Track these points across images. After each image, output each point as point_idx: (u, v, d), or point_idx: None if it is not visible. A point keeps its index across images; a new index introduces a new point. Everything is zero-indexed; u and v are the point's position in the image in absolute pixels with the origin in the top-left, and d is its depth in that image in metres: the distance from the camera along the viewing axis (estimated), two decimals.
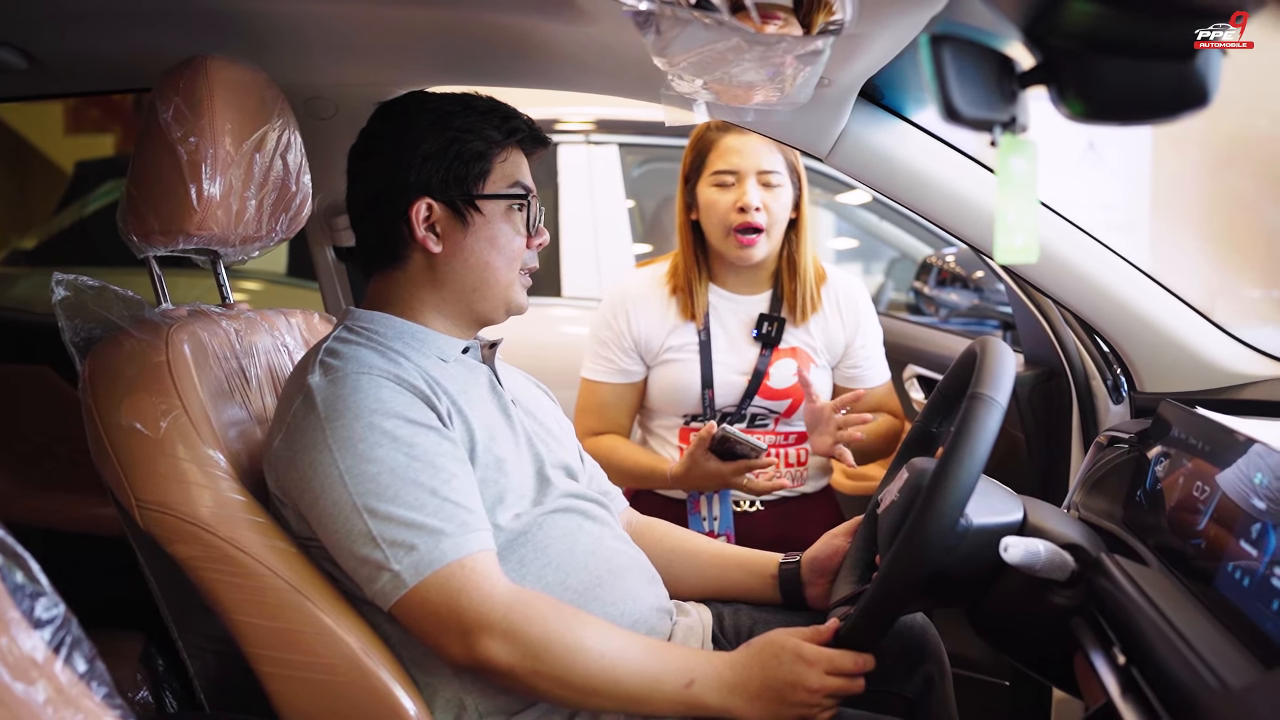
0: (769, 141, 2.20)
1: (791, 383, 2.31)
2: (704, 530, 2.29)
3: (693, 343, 2.32)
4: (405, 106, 1.59)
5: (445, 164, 1.54)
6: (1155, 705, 1.05)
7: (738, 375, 2.31)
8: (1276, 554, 1.05)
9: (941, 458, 1.34)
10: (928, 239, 4.02)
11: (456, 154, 1.54)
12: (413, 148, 1.54)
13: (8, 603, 0.89)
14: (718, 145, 2.26)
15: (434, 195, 1.54)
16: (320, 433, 1.39)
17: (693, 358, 2.31)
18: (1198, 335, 1.80)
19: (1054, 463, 2.10)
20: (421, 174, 1.53)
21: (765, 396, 2.32)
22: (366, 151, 1.59)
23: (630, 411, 2.40)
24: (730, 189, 2.24)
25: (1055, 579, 1.33)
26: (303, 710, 1.38)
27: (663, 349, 2.33)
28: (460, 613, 1.34)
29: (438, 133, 1.54)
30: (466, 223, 1.55)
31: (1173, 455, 1.42)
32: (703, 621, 1.69)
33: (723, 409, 2.32)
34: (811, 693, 1.39)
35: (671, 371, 2.32)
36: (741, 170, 2.23)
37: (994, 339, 1.49)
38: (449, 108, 1.57)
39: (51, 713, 0.87)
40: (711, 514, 2.29)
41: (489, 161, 1.57)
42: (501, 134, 1.58)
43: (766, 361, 2.31)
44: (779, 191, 2.24)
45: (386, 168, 1.55)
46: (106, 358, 1.46)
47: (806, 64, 1.36)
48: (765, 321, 2.32)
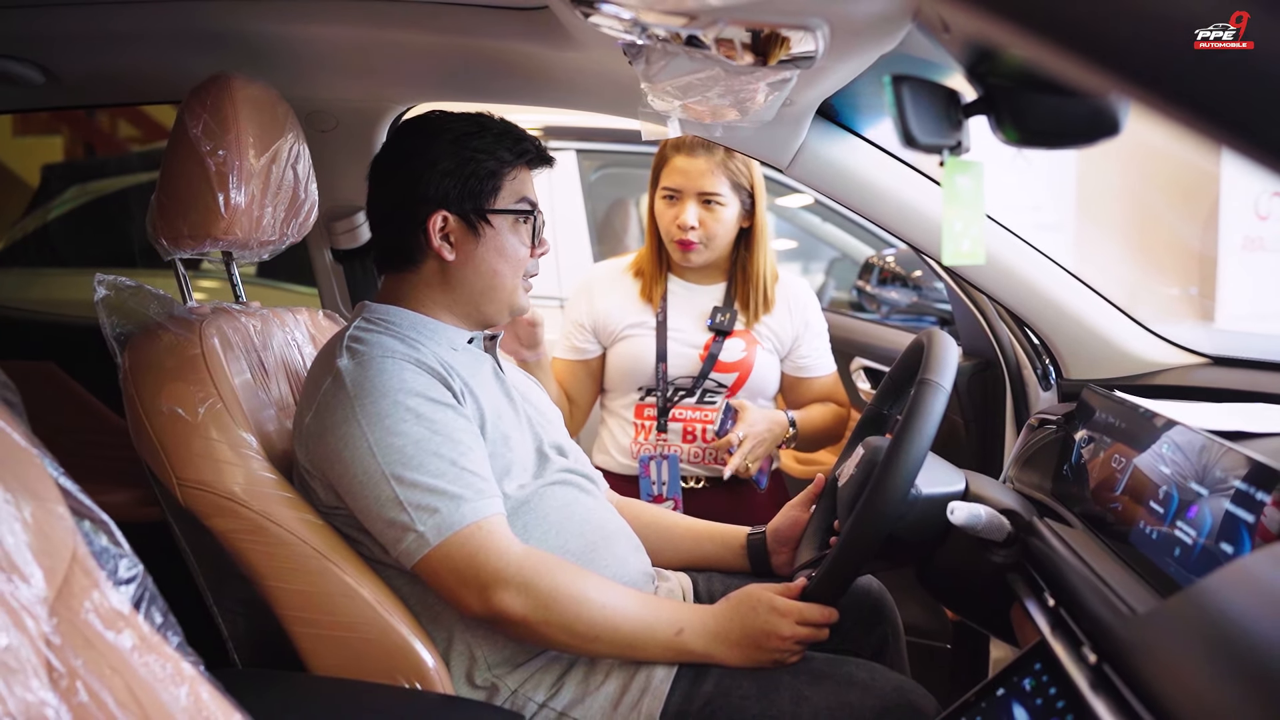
0: (715, 165, 2.39)
1: (740, 357, 2.50)
2: (653, 493, 2.48)
3: (650, 321, 2.52)
4: (426, 126, 1.73)
5: (462, 181, 1.68)
6: (1080, 635, 1.24)
7: (689, 349, 2.49)
8: (1179, 511, 1.25)
9: (895, 435, 1.52)
10: (868, 240, 4.18)
11: (472, 172, 1.69)
12: (433, 165, 1.68)
13: (95, 563, 1.04)
14: (670, 163, 2.45)
15: (450, 208, 1.69)
16: (350, 409, 1.55)
17: (649, 334, 2.51)
18: (1117, 328, 1.98)
19: (990, 443, 2.28)
20: (440, 189, 1.68)
21: (715, 370, 2.50)
22: (391, 165, 1.73)
23: (583, 388, 2.59)
24: (674, 204, 2.45)
25: (993, 539, 1.52)
26: (331, 664, 1.53)
27: (621, 328, 2.52)
28: (479, 568, 1.51)
29: (455, 152, 1.69)
30: (478, 234, 1.70)
31: (1095, 434, 1.58)
32: (682, 586, 1.87)
33: (675, 380, 2.50)
34: (783, 640, 1.58)
35: (628, 346, 2.52)
36: (684, 190, 2.43)
37: (939, 331, 1.66)
38: (466, 129, 1.71)
39: (137, 658, 1.01)
40: (660, 479, 2.48)
41: (500, 179, 1.71)
42: (513, 154, 1.73)
43: (720, 347, 2.49)
44: (720, 211, 2.43)
45: (408, 181, 1.69)
46: (146, 350, 1.60)
47: (776, 90, 1.54)
48: (719, 312, 2.51)
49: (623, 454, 2.54)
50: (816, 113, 1.91)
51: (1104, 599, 1.22)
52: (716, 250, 2.49)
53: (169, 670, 1.03)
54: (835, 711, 1.54)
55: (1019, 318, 2.06)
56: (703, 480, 2.51)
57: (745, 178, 2.45)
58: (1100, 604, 1.23)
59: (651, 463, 2.48)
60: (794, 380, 2.60)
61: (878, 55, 1.50)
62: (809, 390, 2.60)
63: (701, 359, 2.49)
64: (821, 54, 1.35)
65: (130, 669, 0.98)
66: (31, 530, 0.93)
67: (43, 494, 0.98)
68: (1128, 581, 1.25)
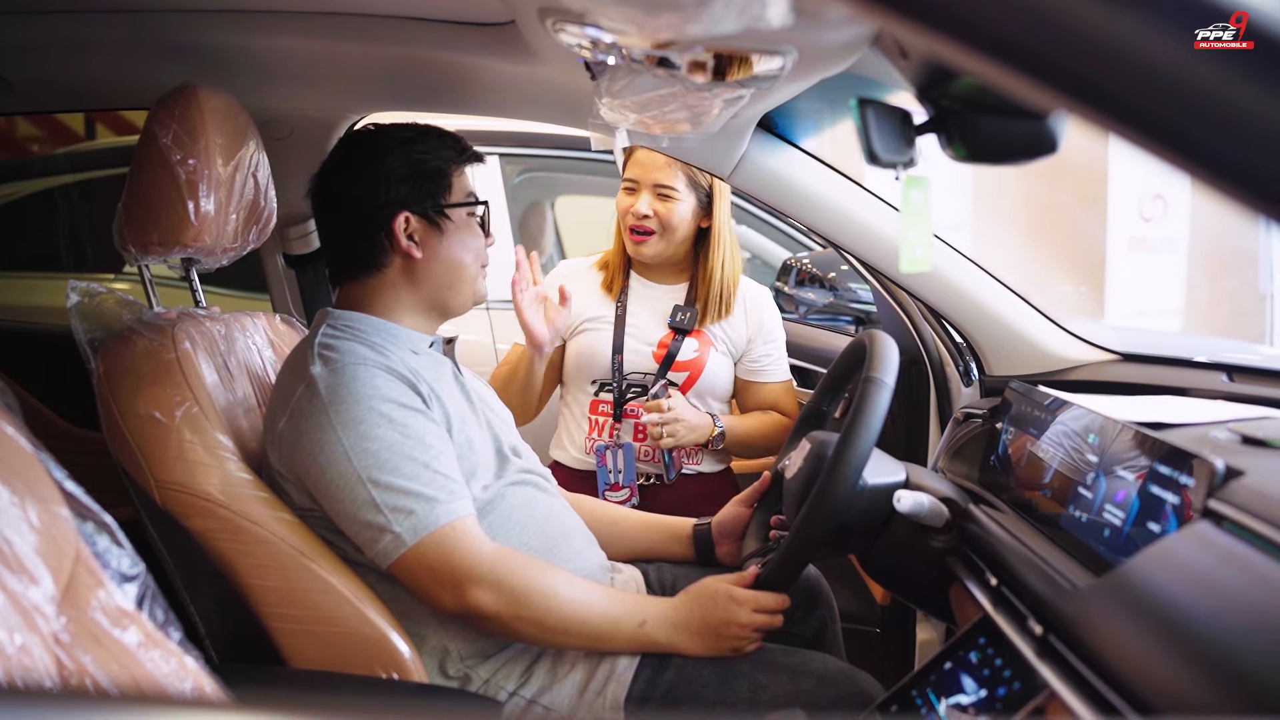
0: (672, 159, 2.45)
1: (692, 357, 2.58)
2: (610, 482, 2.55)
3: (609, 315, 2.59)
4: (371, 138, 1.80)
5: (417, 182, 1.76)
6: (1023, 610, 1.36)
7: (645, 346, 2.57)
8: (1106, 494, 1.36)
9: (844, 429, 1.61)
10: (785, 242, 4.31)
11: (425, 173, 1.77)
12: (387, 171, 1.75)
13: (98, 563, 1.08)
14: (632, 156, 2.54)
15: (410, 209, 1.76)
16: (325, 416, 1.60)
17: (607, 327, 2.58)
18: (1035, 327, 2.09)
19: (915, 438, 2.38)
20: (398, 193, 1.75)
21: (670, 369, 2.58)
22: (344, 178, 1.80)
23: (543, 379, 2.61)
24: (631, 194, 2.53)
25: (934, 525, 1.63)
26: (310, 657, 1.58)
27: (582, 319, 2.59)
28: (453, 567, 1.58)
29: (406, 157, 1.76)
30: (441, 230, 1.78)
31: (1020, 426, 1.69)
32: (635, 578, 1.96)
33: (629, 375, 2.57)
34: (742, 627, 1.67)
35: (586, 339, 2.58)
36: (640, 181, 2.51)
37: (879, 332, 1.76)
38: (409, 135, 1.79)
39: (143, 653, 1.05)
40: (616, 467, 2.55)
41: (449, 177, 1.80)
42: (455, 153, 1.81)
43: (679, 345, 2.57)
44: (674, 204, 2.51)
45: (366, 191, 1.76)
46: (121, 355, 1.63)
47: (731, 107, 1.63)
48: (680, 311, 2.59)
49: (578, 450, 2.61)
50: (757, 125, 2.00)
51: (1044, 576, 1.33)
52: (671, 245, 2.55)
53: (173, 665, 1.08)
54: (791, 698, 1.64)
55: (942, 317, 2.16)
56: (653, 478, 2.58)
57: (704, 176, 2.53)
58: (1041, 581, 1.34)
59: (608, 452, 2.55)
60: (744, 384, 2.67)
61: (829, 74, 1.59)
62: (757, 395, 2.67)
63: (657, 358, 2.57)
64: (786, 73, 1.43)
65: (138, 665, 1.02)
66: (38, 532, 0.96)
67: (46, 496, 1.01)
68: (1062, 561, 1.35)
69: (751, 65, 1.40)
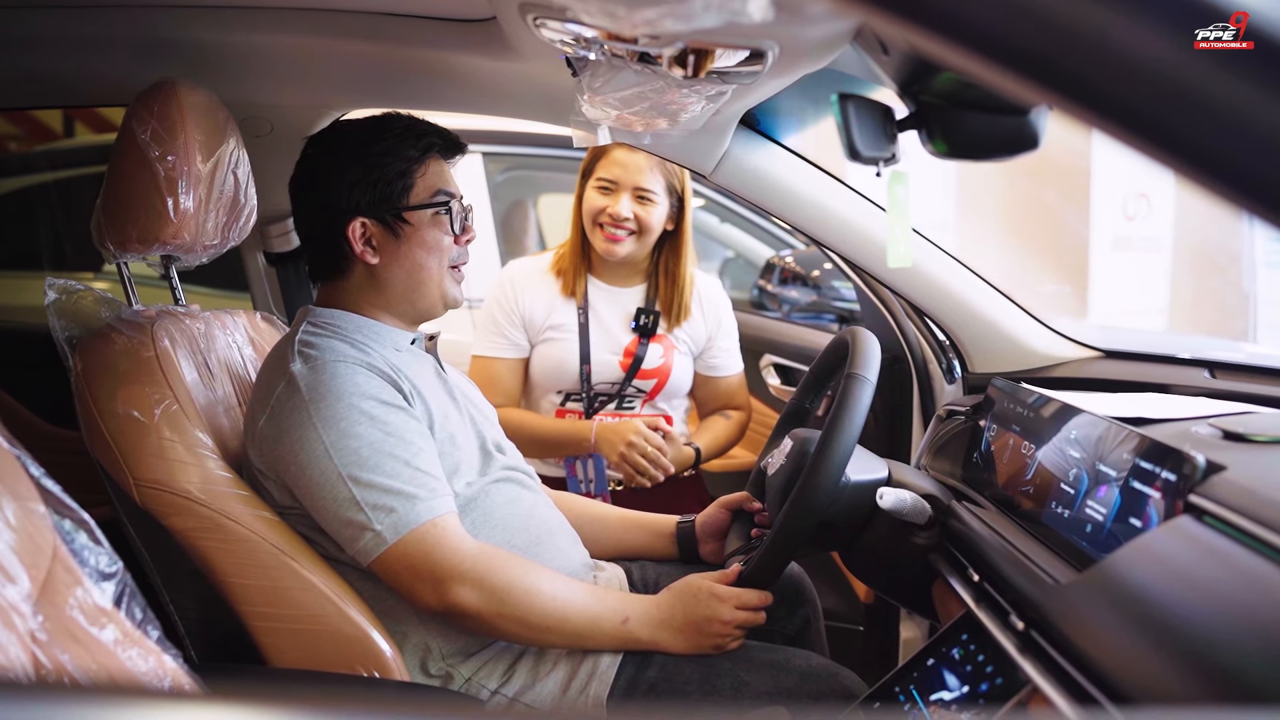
0: (654, 163, 2.45)
1: (659, 364, 2.58)
2: (581, 491, 2.53)
3: (572, 322, 2.56)
4: (329, 140, 1.78)
5: (371, 187, 1.73)
6: (1005, 606, 1.36)
7: (611, 355, 2.55)
8: (1088, 491, 1.37)
9: (826, 426, 1.61)
10: (767, 240, 4.31)
11: (380, 177, 1.73)
12: (340, 177, 1.72)
13: (75, 561, 1.07)
14: (608, 154, 2.50)
15: (365, 215, 1.73)
16: (305, 413, 1.59)
17: (572, 337, 2.55)
18: (1018, 324, 2.10)
19: (898, 435, 2.38)
20: (351, 199, 1.72)
21: (636, 376, 2.58)
22: (304, 183, 1.78)
23: (520, 386, 2.62)
24: (608, 195, 2.49)
25: (916, 522, 1.63)
26: (291, 656, 1.57)
27: (545, 327, 2.56)
28: (434, 565, 1.57)
29: (360, 160, 1.73)
30: (398, 235, 1.75)
31: (1003, 423, 1.69)
32: (618, 576, 1.95)
33: (598, 385, 2.56)
34: (724, 624, 1.67)
35: (552, 349, 2.56)
36: (620, 182, 2.48)
37: (862, 329, 1.76)
38: (367, 136, 1.76)
39: (121, 651, 1.05)
40: (588, 476, 2.54)
41: (411, 177, 1.75)
42: (418, 150, 1.76)
43: (645, 349, 2.56)
44: (652, 208, 2.49)
45: (322, 197, 1.74)
46: (99, 353, 1.61)
47: (712, 103, 1.62)
48: (642, 314, 2.58)
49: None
50: (739, 121, 1.99)
51: (1026, 572, 1.34)
52: (644, 247, 2.54)
53: (151, 663, 1.07)
54: (774, 695, 1.63)
55: (925, 314, 2.16)
56: (623, 483, 2.58)
57: (678, 181, 2.53)
58: (1022, 576, 1.35)
59: (578, 462, 2.54)
60: (703, 379, 2.69)
61: (811, 71, 1.59)
62: (715, 389, 2.69)
63: (623, 366, 2.56)
64: (766, 72, 1.43)
65: (116, 663, 1.01)
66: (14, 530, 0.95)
67: (23, 494, 1.00)
68: (1045, 556, 1.36)
69: (733, 61, 1.40)
